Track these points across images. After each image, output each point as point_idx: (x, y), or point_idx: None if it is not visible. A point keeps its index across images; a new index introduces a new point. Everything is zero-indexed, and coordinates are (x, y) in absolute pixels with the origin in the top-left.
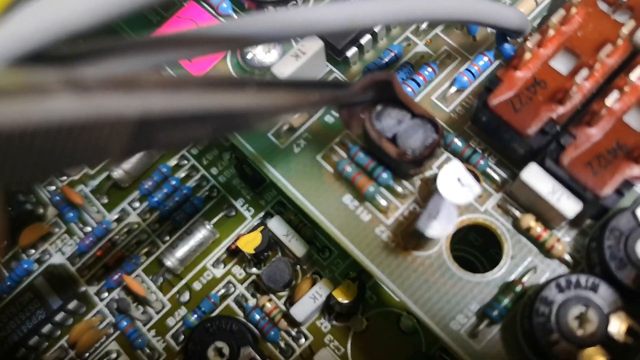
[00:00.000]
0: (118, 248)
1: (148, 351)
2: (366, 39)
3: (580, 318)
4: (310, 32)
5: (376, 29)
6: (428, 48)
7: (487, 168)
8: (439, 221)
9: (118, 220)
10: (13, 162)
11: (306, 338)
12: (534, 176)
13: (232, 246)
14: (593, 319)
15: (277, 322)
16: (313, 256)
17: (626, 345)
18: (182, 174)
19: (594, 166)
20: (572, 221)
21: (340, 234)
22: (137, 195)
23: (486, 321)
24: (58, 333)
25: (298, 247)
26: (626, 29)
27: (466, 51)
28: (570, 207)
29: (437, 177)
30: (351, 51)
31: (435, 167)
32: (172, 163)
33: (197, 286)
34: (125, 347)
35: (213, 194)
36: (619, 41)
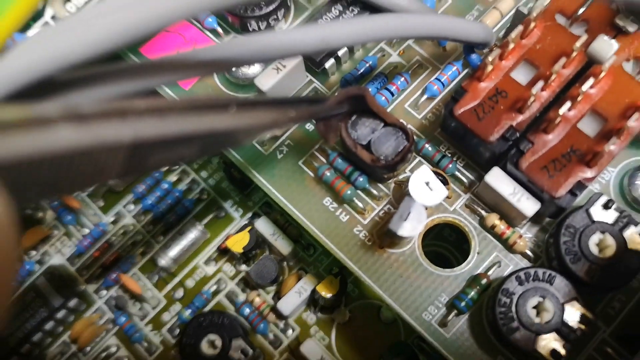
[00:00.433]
0: (115, 249)
1: (145, 344)
2: (343, 51)
3: (537, 307)
4: (287, 54)
5: None
6: (401, 58)
7: (456, 171)
8: (410, 222)
9: (114, 222)
10: (23, 188)
11: (293, 330)
12: (497, 179)
13: (222, 245)
14: (549, 308)
15: (266, 316)
16: (298, 254)
17: (580, 331)
18: (174, 178)
19: (550, 170)
20: (533, 219)
21: (321, 234)
22: (132, 198)
23: (455, 311)
24: (60, 329)
25: (284, 246)
26: (579, 42)
27: (437, 61)
28: (529, 207)
29: (408, 182)
30: (329, 63)
31: (408, 171)
32: (164, 167)
33: (190, 283)
34: (124, 341)
35: (203, 197)
36: (574, 53)
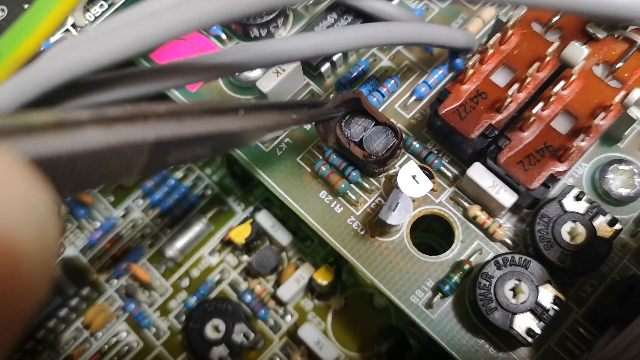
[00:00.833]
0: (124, 241)
1: (154, 330)
2: (338, 56)
3: (514, 290)
4: (286, 60)
5: None
6: (392, 63)
7: (441, 166)
8: (398, 212)
9: (124, 216)
10: (61, 182)
11: (292, 315)
12: (478, 173)
13: (225, 238)
14: (525, 290)
15: (266, 302)
16: (297, 245)
17: (553, 311)
18: (180, 175)
19: (525, 164)
20: (511, 210)
21: (317, 224)
22: (140, 193)
23: (439, 294)
24: (74, 316)
25: (283, 237)
26: (552, 48)
27: (424, 65)
28: (507, 199)
29: (397, 175)
30: (325, 67)
31: (397, 166)
32: (182, 165)
33: (196, 273)
34: (133, 327)
35: (207, 192)
36: (548, 58)
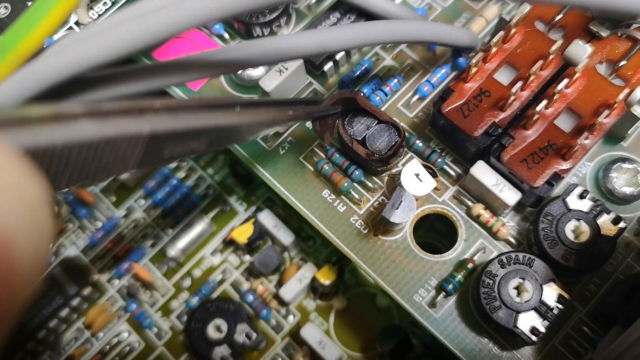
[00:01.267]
0: (126, 240)
1: (155, 330)
2: (340, 55)
3: (518, 288)
4: (289, 57)
5: None
6: (394, 62)
7: (444, 165)
8: (401, 210)
9: (125, 216)
10: (54, 173)
11: (294, 316)
12: (481, 171)
13: (227, 237)
14: (529, 289)
15: (269, 302)
16: (299, 244)
17: (557, 309)
18: (182, 174)
19: (529, 162)
20: (515, 209)
21: (320, 223)
22: (142, 193)
23: (443, 293)
24: (75, 316)
25: (285, 237)
26: (555, 46)
27: (427, 64)
28: (510, 197)
29: (400, 173)
30: (328, 65)
31: (400, 165)
32: (173, 165)
33: (198, 273)
34: (135, 327)
35: (210, 192)
36: (551, 56)
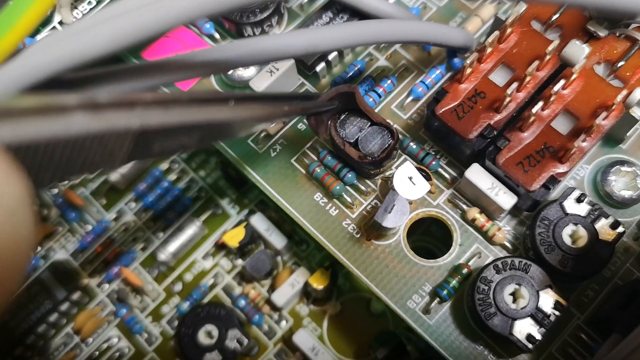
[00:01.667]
0: (116, 244)
1: (146, 335)
2: (333, 55)
3: (514, 294)
4: (279, 57)
5: None
6: (388, 62)
7: (439, 168)
8: (394, 214)
9: (116, 219)
10: (38, 169)
11: (287, 321)
12: (476, 174)
13: (219, 241)
14: (525, 295)
15: (261, 308)
16: (292, 248)
17: (554, 316)
18: (173, 177)
19: (525, 165)
20: (511, 213)
21: (311, 227)
22: (133, 196)
23: (437, 299)
24: (64, 321)
25: (278, 241)
26: (552, 47)
27: (421, 65)
28: (506, 201)
29: (393, 177)
30: (320, 66)
31: (394, 168)
32: (164, 167)
33: (189, 277)
34: (125, 333)
35: (201, 194)
36: (547, 57)
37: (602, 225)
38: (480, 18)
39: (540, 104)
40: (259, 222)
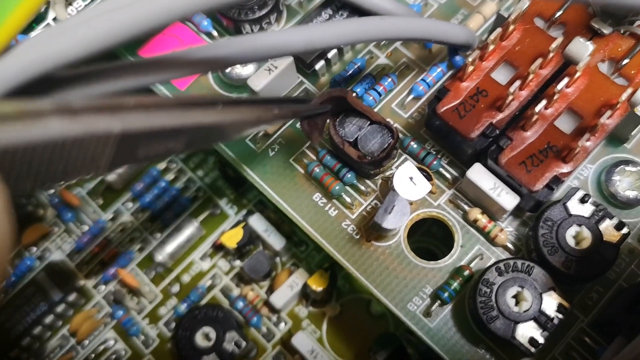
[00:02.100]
0: (113, 245)
1: (142, 337)
2: (332, 53)
3: (516, 297)
4: (276, 54)
5: None
6: (389, 60)
7: (440, 168)
8: (394, 215)
9: (113, 219)
10: (17, 175)
11: (285, 323)
12: (478, 174)
13: (217, 242)
14: (527, 298)
15: (259, 309)
16: (291, 250)
17: (557, 319)
18: (171, 177)
19: (528, 165)
20: (514, 213)
21: (310, 228)
22: (130, 196)
23: (438, 302)
24: (59, 323)
25: (277, 242)
26: (555, 44)
27: (422, 63)
28: (508, 201)
29: (393, 177)
30: (319, 64)
31: (394, 167)
32: (161, 166)
33: (186, 278)
34: (121, 335)
35: (199, 194)
36: (551, 54)
37: (607, 226)
38: (482, 15)
39: (543, 103)
40: (258, 223)
